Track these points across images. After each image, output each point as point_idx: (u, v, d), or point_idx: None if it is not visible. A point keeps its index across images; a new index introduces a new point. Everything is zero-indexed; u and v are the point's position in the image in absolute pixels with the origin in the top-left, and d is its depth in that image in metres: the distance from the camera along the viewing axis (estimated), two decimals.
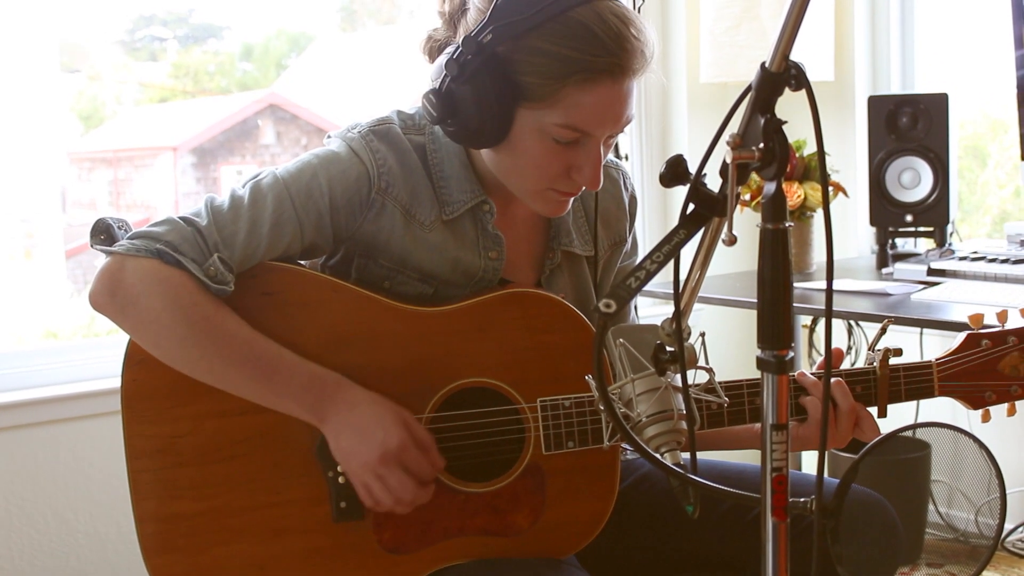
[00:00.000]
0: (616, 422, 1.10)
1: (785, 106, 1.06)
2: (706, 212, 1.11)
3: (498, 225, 1.58)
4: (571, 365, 1.51)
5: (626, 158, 3.39)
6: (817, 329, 3.35)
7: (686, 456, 1.19)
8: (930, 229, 2.96)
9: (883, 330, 1.55)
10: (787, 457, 1.07)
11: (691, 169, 1.12)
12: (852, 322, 3.28)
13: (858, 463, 1.37)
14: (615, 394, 1.22)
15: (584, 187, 1.50)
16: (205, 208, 1.47)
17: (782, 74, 1.04)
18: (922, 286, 2.59)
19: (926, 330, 3.11)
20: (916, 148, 2.93)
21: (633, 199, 1.73)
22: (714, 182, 1.10)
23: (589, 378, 1.26)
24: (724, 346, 3.15)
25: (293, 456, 1.49)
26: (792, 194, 2.85)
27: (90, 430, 2.49)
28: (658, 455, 1.17)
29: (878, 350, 1.56)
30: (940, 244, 2.93)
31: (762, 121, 1.04)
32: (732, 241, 1.06)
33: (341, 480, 1.49)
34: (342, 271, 1.57)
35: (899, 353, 1.56)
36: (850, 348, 3.30)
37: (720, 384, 1.38)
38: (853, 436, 1.54)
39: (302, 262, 1.56)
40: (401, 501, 1.45)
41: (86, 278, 1.37)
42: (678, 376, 1.17)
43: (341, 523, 1.50)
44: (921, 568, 3.16)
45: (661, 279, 1.18)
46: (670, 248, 1.10)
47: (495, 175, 1.54)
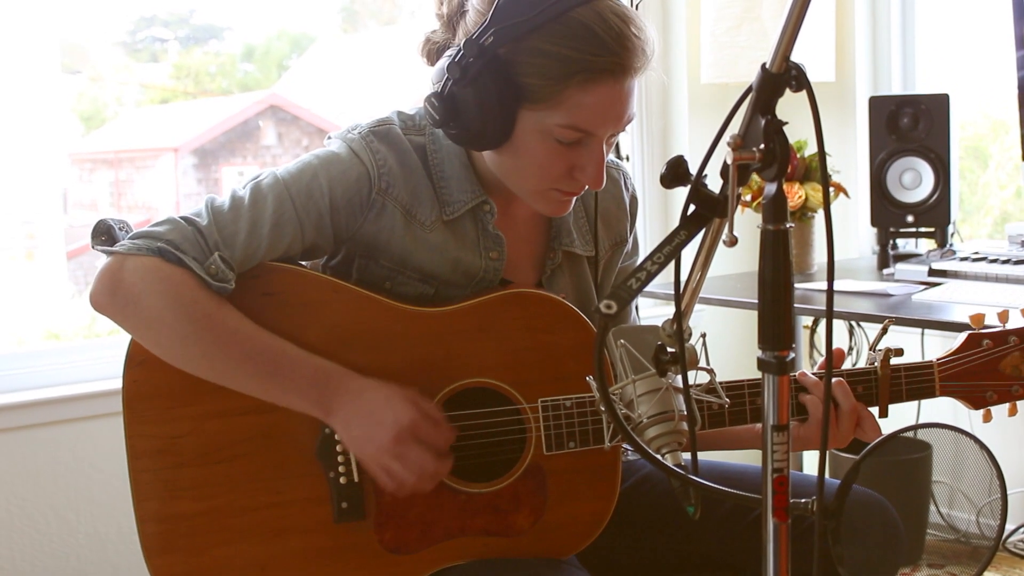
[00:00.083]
0: (617, 423, 1.10)
1: (786, 107, 1.07)
2: (707, 213, 1.11)
3: (499, 225, 1.58)
4: (572, 365, 1.51)
5: (627, 159, 3.39)
6: (818, 330, 3.35)
7: (687, 457, 1.19)
8: (931, 230, 2.96)
9: (884, 330, 1.55)
10: (788, 458, 1.07)
11: (692, 170, 1.12)
12: (853, 323, 3.28)
13: (859, 464, 1.37)
14: (616, 395, 1.22)
15: (587, 186, 1.50)
16: (206, 208, 1.47)
17: (783, 75, 1.04)
18: (923, 287, 2.59)
19: (927, 331, 3.11)
20: (917, 149, 2.93)
21: (634, 199, 1.74)
22: (715, 183, 1.10)
23: (590, 379, 1.26)
24: (725, 347, 3.15)
25: (294, 456, 1.49)
26: (793, 195, 2.85)
27: (91, 431, 2.50)
28: (659, 456, 1.17)
29: (879, 350, 1.56)
30: (941, 245, 2.93)
31: (763, 122, 1.04)
32: (733, 242, 1.06)
33: (343, 480, 1.49)
34: (343, 272, 1.57)
35: (900, 353, 1.56)
36: (851, 349, 3.30)
37: (721, 384, 1.38)
38: (855, 436, 1.54)
39: (303, 263, 1.57)
40: (423, 475, 1.45)
41: (87, 279, 1.37)
42: (679, 377, 1.17)
43: (342, 523, 1.50)
44: (922, 569, 3.16)
45: (662, 280, 1.18)
46: (671, 249, 1.10)
47: (496, 175, 1.54)
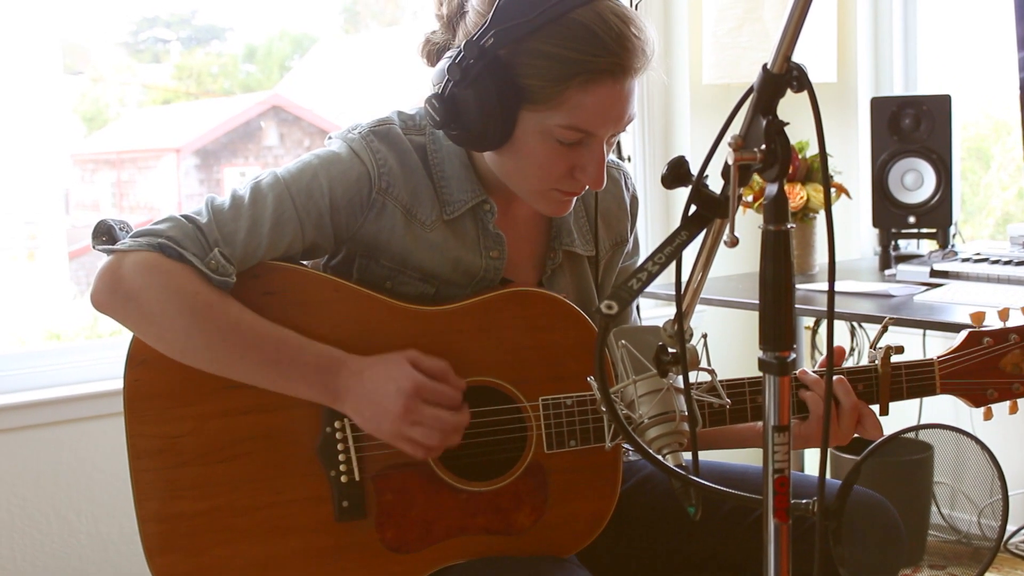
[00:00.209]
0: (618, 423, 1.10)
1: (788, 107, 1.07)
2: (708, 213, 1.11)
3: (499, 225, 1.58)
4: (573, 364, 1.51)
5: (628, 159, 3.39)
6: (820, 331, 3.35)
7: (688, 457, 1.19)
8: (933, 231, 2.96)
9: (884, 328, 1.55)
10: (789, 458, 1.07)
11: (693, 170, 1.12)
12: (855, 324, 3.27)
13: (860, 464, 1.37)
14: (617, 395, 1.22)
15: (588, 186, 1.50)
16: (206, 207, 1.47)
17: (784, 75, 1.04)
18: (925, 288, 2.59)
19: (929, 332, 3.10)
20: (919, 150, 2.93)
21: (634, 199, 1.74)
22: (716, 183, 1.10)
23: (591, 379, 1.26)
24: (726, 348, 3.15)
25: (295, 456, 1.49)
26: (794, 196, 2.85)
27: (92, 431, 2.50)
28: (660, 457, 1.17)
29: (880, 348, 1.56)
30: (943, 246, 2.93)
31: (764, 123, 1.04)
32: (734, 243, 1.06)
33: (343, 479, 1.49)
34: (344, 271, 1.57)
35: (900, 351, 1.56)
36: (853, 350, 3.30)
37: (721, 384, 1.38)
38: (856, 434, 1.54)
39: (304, 262, 1.57)
40: (445, 431, 1.45)
41: (89, 280, 1.37)
42: (680, 378, 1.17)
43: (343, 522, 1.50)
44: (923, 570, 3.16)
45: (663, 280, 1.18)
46: (672, 249, 1.10)
47: (496, 175, 1.55)
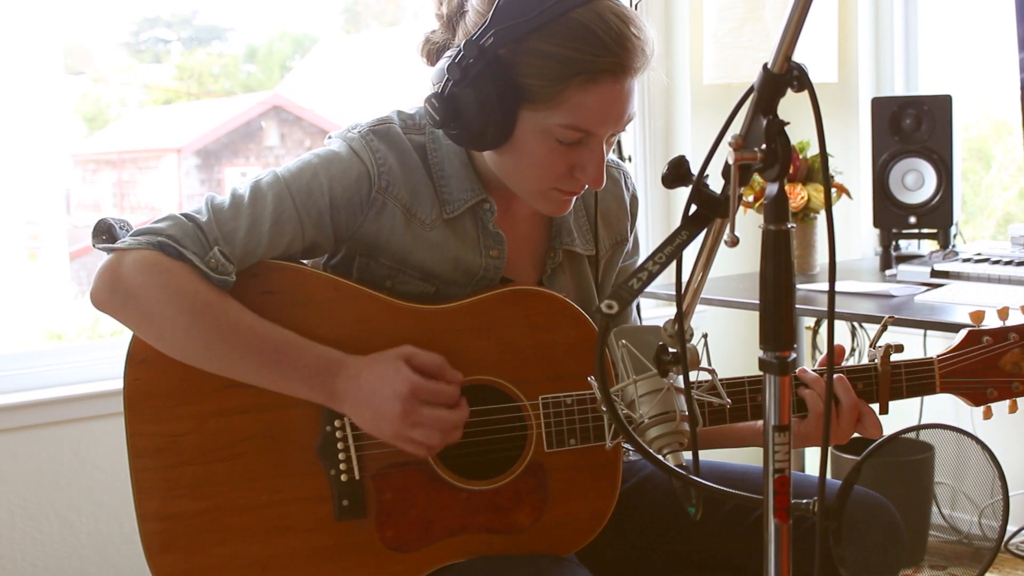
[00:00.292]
0: (618, 423, 1.10)
1: (789, 108, 1.06)
2: (708, 213, 1.11)
3: (499, 224, 1.58)
4: (573, 363, 1.51)
5: (629, 159, 3.39)
6: (820, 331, 3.35)
7: (688, 457, 1.19)
8: (934, 231, 2.96)
9: (884, 327, 1.55)
10: (789, 458, 1.07)
11: (693, 170, 1.12)
12: (855, 324, 3.27)
13: (861, 464, 1.37)
14: (617, 395, 1.22)
15: (587, 186, 1.50)
16: (206, 206, 1.47)
17: (784, 75, 1.03)
18: (926, 288, 2.59)
19: (929, 332, 3.10)
20: (920, 150, 2.93)
21: (634, 198, 1.74)
22: (716, 183, 1.10)
23: (592, 379, 1.26)
24: (727, 348, 3.15)
25: (295, 455, 1.49)
26: (795, 196, 2.85)
27: (93, 431, 2.50)
28: (660, 456, 1.17)
29: (879, 347, 1.56)
30: (944, 246, 2.93)
31: (764, 122, 1.04)
32: (734, 242, 1.06)
33: (343, 478, 1.49)
34: (343, 270, 1.57)
35: (900, 349, 1.56)
36: (853, 350, 3.29)
37: (721, 383, 1.38)
38: (855, 432, 1.54)
39: (304, 261, 1.57)
40: (445, 430, 1.45)
41: (90, 279, 1.37)
42: (680, 377, 1.17)
43: (343, 521, 1.50)
44: (924, 570, 3.16)
45: (663, 280, 1.18)
46: (672, 249, 1.09)
47: (496, 175, 1.55)
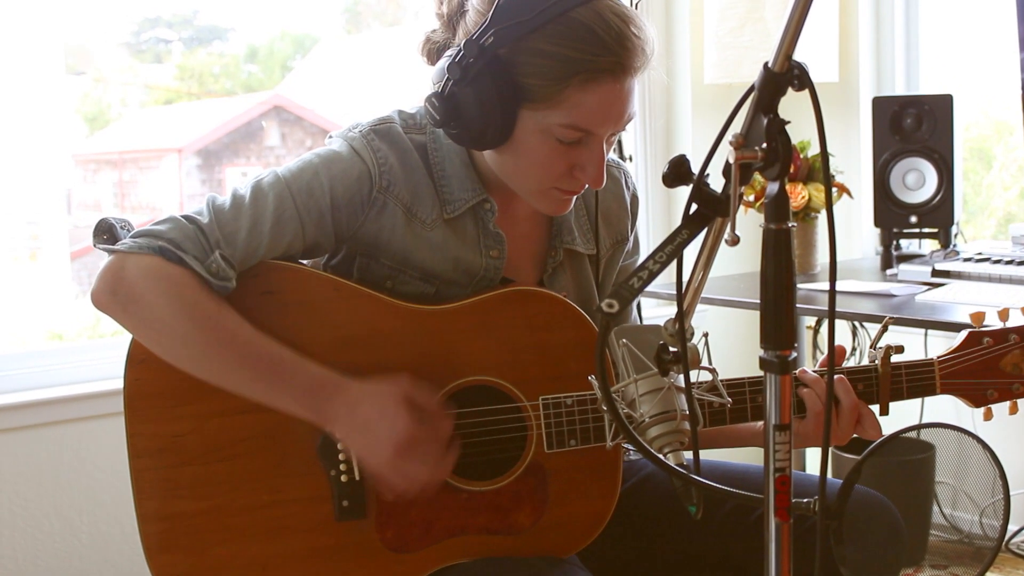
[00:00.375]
0: (619, 422, 1.10)
1: (789, 107, 1.06)
2: (709, 212, 1.11)
3: (500, 223, 1.58)
4: (573, 363, 1.51)
5: (630, 159, 3.39)
6: (821, 330, 3.34)
7: (689, 456, 1.19)
8: (934, 230, 2.96)
9: (884, 328, 1.55)
10: (790, 457, 1.07)
11: (694, 169, 1.12)
12: (856, 323, 3.27)
13: (862, 464, 1.37)
14: (618, 394, 1.22)
15: (588, 185, 1.50)
16: (207, 207, 1.47)
17: (785, 74, 1.03)
18: (926, 287, 2.59)
19: (930, 331, 3.10)
20: (920, 149, 2.93)
21: (635, 198, 1.74)
22: (717, 182, 1.10)
23: (592, 378, 1.25)
24: (727, 347, 3.15)
25: (295, 455, 1.49)
26: (796, 195, 2.84)
27: (94, 431, 2.50)
28: (661, 455, 1.17)
29: (879, 348, 1.56)
30: (944, 245, 2.93)
31: (765, 121, 1.04)
32: (735, 241, 1.06)
33: (344, 479, 1.49)
34: (344, 270, 1.57)
35: (900, 350, 1.56)
36: (854, 349, 3.29)
37: (722, 382, 1.38)
38: (855, 434, 1.54)
39: (303, 261, 1.57)
40: (422, 487, 1.45)
41: (91, 279, 1.37)
42: (681, 377, 1.17)
43: (343, 522, 1.50)
44: (925, 569, 3.15)
45: (664, 280, 1.17)
46: (673, 248, 1.09)
47: (497, 174, 1.54)
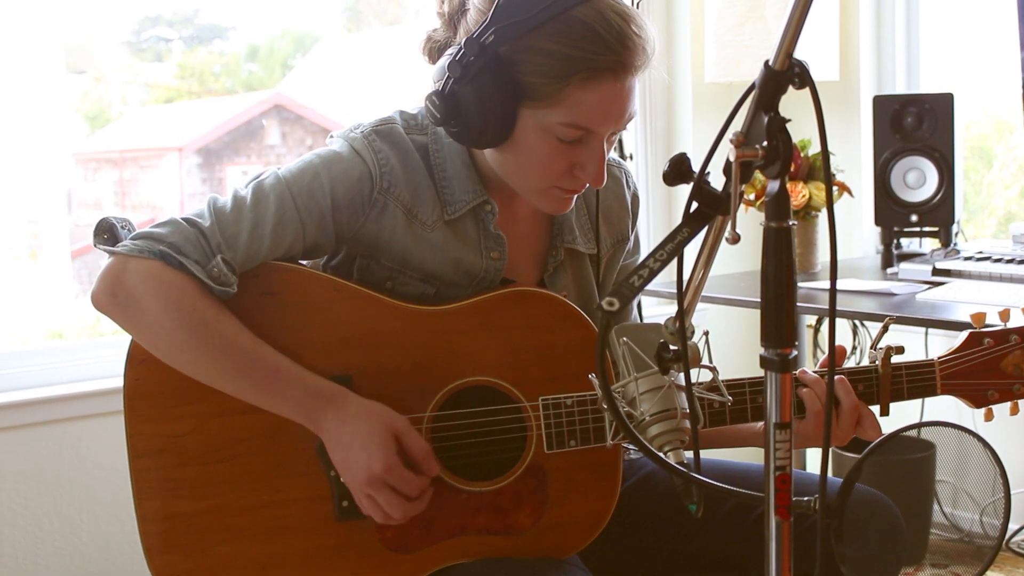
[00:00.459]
0: (619, 421, 1.10)
1: (790, 106, 1.06)
2: (709, 211, 1.10)
3: (501, 223, 1.58)
4: (573, 364, 1.51)
5: (631, 157, 3.38)
6: (821, 329, 3.34)
7: (689, 455, 1.19)
8: (935, 229, 2.95)
9: (885, 328, 1.55)
10: (791, 456, 1.07)
11: (695, 167, 1.11)
12: (857, 322, 3.27)
13: (862, 462, 1.37)
14: (618, 393, 1.22)
15: (588, 184, 1.50)
16: (208, 209, 1.47)
17: (785, 72, 1.03)
18: (927, 286, 2.59)
19: (931, 330, 3.10)
20: (921, 148, 2.93)
21: (635, 197, 1.73)
22: (718, 181, 1.10)
23: (592, 377, 1.25)
24: (728, 346, 3.15)
25: (295, 455, 1.49)
26: (797, 194, 2.84)
27: (94, 429, 2.50)
28: (661, 454, 1.17)
29: (880, 348, 1.56)
30: (945, 244, 2.93)
31: (766, 119, 1.03)
32: (735, 239, 1.06)
33: (343, 479, 1.48)
34: (344, 271, 1.57)
35: (901, 351, 1.56)
36: (855, 348, 3.29)
37: (723, 382, 1.38)
38: (855, 434, 1.54)
39: (304, 262, 1.56)
40: (390, 518, 1.45)
41: (92, 278, 1.37)
42: (681, 375, 1.17)
43: (343, 522, 1.50)
44: (925, 568, 3.15)
45: (664, 279, 1.17)
46: (673, 246, 1.09)
47: (498, 174, 1.54)
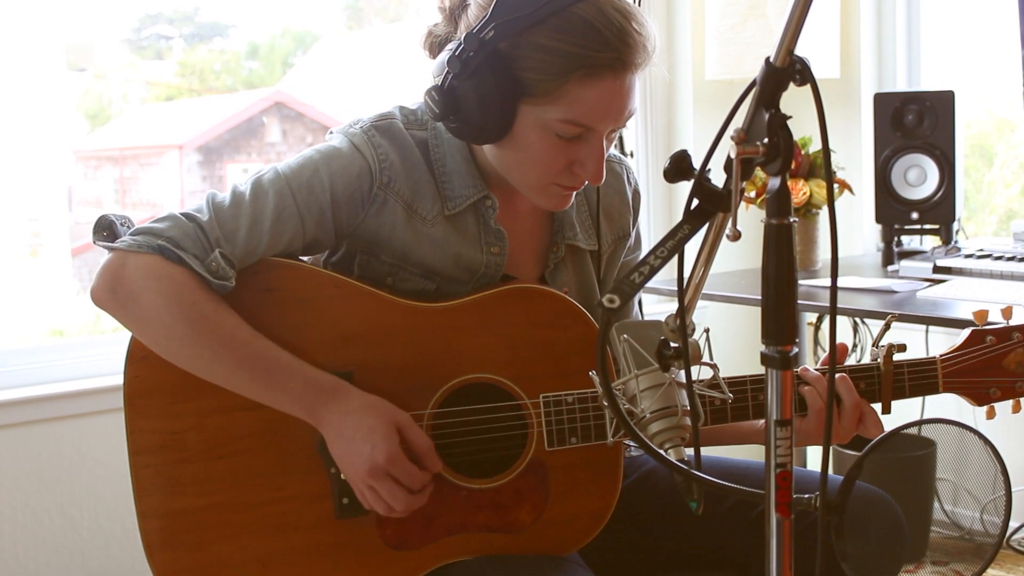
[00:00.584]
0: (620, 418, 1.10)
1: (790, 103, 1.06)
2: (710, 208, 1.10)
3: (501, 219, 1.58)
4: (574, 361, 1.51)
5: (631, 154, 3.38)
6: (822, 327, 3.34)
7: (690, 452, 1.19)
8: (936, 227, 2.95)
9: (887, 326, 1.55)
10: (791, 453, 1.07)
11: (696, 165, 1.11)
12: (857, 320, 3.27)
13: (863, 460, 1.37)
14: (619, 390, 1.22)
15: (587, 181, 1.50)
16: (207, 204, 1.47)
17: (787, 69, 1.03)
18: (928, 284, 2.59)
19: (931, 328, 3.10)
20: (922, 145, 2.92)
21: (636, 193, 1.73)
22: (718, 177, 1.10)
23: (593, 374, 1.25)
24: (728, 343, 3.15)
25: (296, 452, 1.49)
26: (797, 191, 2.84)
27: (95, 426, 2.50)
28: (662, 451, 1.17)
29: (882, 346, 1.55)
30: (946, 242, 2.92)
31: (767, 116, 1.03)
32: (736, 236, 1.06)
33: (344, 476, 1.48)
34: (344, 267, 1.56)
35: (903, 349, 1.55)
36: (855, 346, 3.29)
37: (724, 380, 1.37)
38: (856, 432, 1.53)
39: (304, 258, 1.56)
40: (393, 511, 1.45)
41: (92, 276, 1.38)
42: (682, 372, 1.16)
43: (344, 519, 1.50)
44: (926, 566, 3.15)
45: (665, 276, 1.17)
46: (674, 243, 1.09)
47: (497, 169, 1.54)
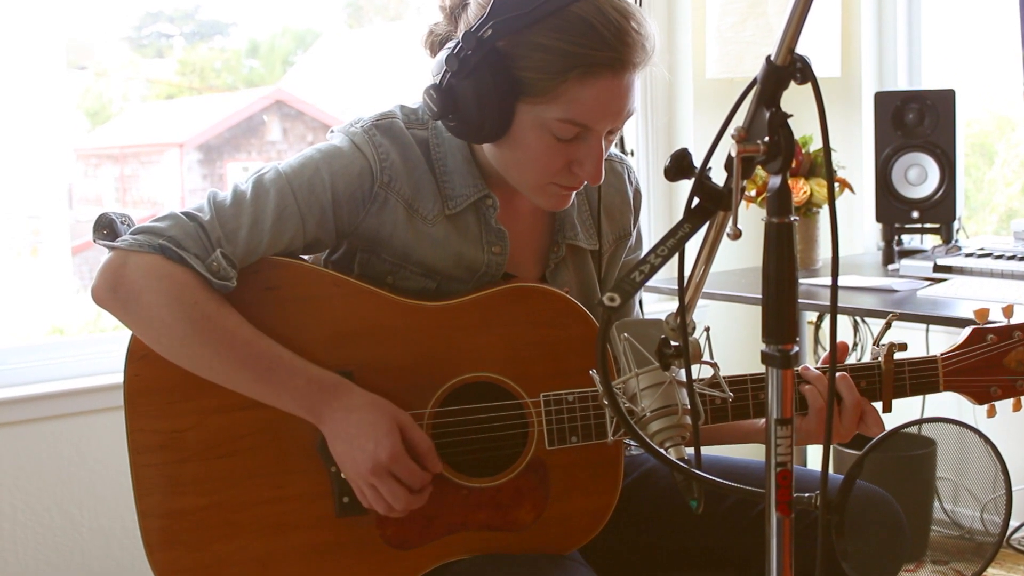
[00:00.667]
0: (620, 417, 1.10)
1: (791, 103, 1.06)
2: (711, 206, 1.10)
3: (502, 219, 1.58)
4: (574, 360, 1.51)
5: (632, 153, 3.38)
6: (823, 326, 3.34)
7: (690, 451, 1.19)
8: (936, 226, 2.95)
9: (888, 325, 1.54)
10: (792, 452, 1.07)
11: (696, 163, 1.11)
12: (858, 318, 3.27)
13: (863, 459, 1.37)
14: (619, 389, 1.22)
15: (586, 181, 1.50)
16: (208, 203, 1.47)
17: (787, 67, 1.03)
18: (928, 282, 2.59)
19: (932, 326, 3.10)
20: (922, 144, 2.92)
21: (637, 193, 1.73)
22: (719, 176, 1.10)
23: (593, 372, 1.25)
24: (729, 342, 3.15)
25: (296, 451, 1.49)
26: (798, 190, 2.84)
27: (95, 425, 2.50)
28: (662, 450, 1.17)
29: (883, 345, 1.55)
30: (946, 241, 2.92)
31: (767, 115, 1.03)
32: (737, 235, 1.06)
33: (344, 475, 1.49)
34: (345, 266, 1.57)
35: (904, 348, 1.55)
36: (856, 345, 3.29)
37: (724, 379, 1.37)
38: (857, 431, 1.53)
39: (304, 257, 1.56)
40: (393, 509, 1.45)
41: (92, 274, 1.38)
42: (682, 371, 1.16)
43: (344, 518, 1.50)
44: (926, 565, 3.15)
45: (665, 275, 1.17)
46: (674, 242, 1.09)
47: (497, 169, 1.54)
